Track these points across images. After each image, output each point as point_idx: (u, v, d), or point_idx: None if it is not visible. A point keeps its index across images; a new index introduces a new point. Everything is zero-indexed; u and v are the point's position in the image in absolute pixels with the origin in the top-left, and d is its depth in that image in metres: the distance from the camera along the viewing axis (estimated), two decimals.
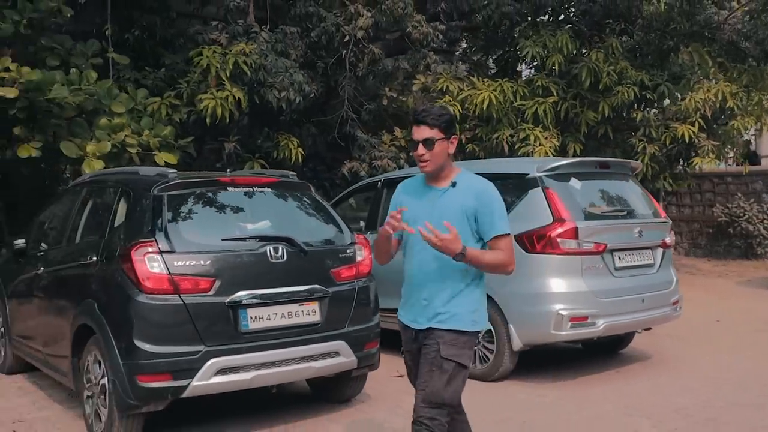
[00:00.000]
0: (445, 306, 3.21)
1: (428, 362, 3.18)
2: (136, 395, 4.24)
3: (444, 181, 3.28)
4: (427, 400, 3.14)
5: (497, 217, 3.21)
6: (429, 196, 3.28)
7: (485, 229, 3.21)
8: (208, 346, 4.34)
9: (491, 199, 3.24)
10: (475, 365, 6.15)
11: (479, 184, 3.29)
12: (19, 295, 6.17)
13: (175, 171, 4.90)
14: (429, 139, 3.16)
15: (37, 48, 8.09)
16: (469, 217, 3.20)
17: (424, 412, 3.13)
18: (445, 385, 3.14)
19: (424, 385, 3.17)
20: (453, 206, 3.21)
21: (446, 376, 3.15)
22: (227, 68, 8.77)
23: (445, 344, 3.17)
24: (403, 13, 9.98)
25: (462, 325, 3.20)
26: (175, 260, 4.35)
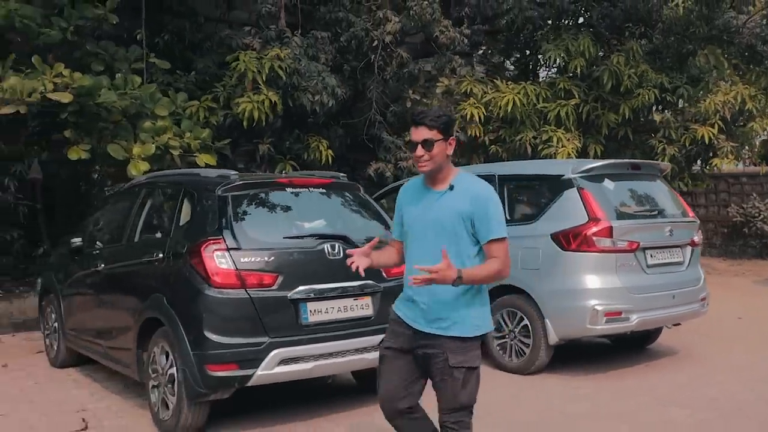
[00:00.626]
0: (447, 312, 3.21)
1: (438, 372, 3.22)
2: (206, 384, 4.53)
3: (442, 183, 3.29)
4: (447, 407, 3.24)
5: (493, 221, 3.20)
6: (427, 199, 3.30)
7: (481, 233, 3.20)
8: (272, 338, 4.62)
9: (488, 203, 3.23)
10: (511, 359, 6.43)
11: (476, 188, 3.28)
12: (76, 292, 6.46)
13: (237, 173, 5.18)
14: (428, 140, 3.18)
15: (82, 53, 8.38)
16: (465, 220, 3.20)
17: (447, 419, 3.24)
18: (460, 390, 3.21)
19: (441, 394, 3.25)
20: (449, 210, 3.22)
21: (459, 382, 3.20)
22: (263, 72, 9.05)
23: (452, 353, 3.19)
24: (431, 18, 10.25)
25: (465, 331, 3.22)
26: (242, 257, 4.63)
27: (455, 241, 3.20)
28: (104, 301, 5.79)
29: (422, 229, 3.27)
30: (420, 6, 10.21)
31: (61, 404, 5.68)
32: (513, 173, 6.84)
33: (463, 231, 3.21)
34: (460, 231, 3.20)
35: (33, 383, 6.38)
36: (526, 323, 6.28)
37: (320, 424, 5.05)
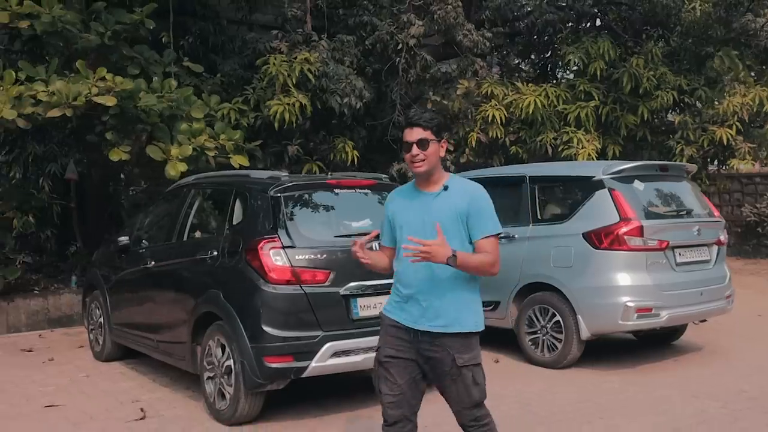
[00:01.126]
0: (446, 310, 3.25)
1: (448, 375, 3.25)
2: (263, 375, 4.76)
3: (435, 185, 3.34)
4: (463, 407, 3.29)
5: (487, 218, 3.27)
6: (421, 200, 3.34)
7: (475, 229, 3.26)
8: (325, 331, 4.85)
9: (482, 201, 3.31)
10: (543, 353, 6.65)
11: (471, 187, 3.36)
12: (123, 289, 6.70)
13: (287, 174, 5.41)
14: (423, 139, 3.24)
15: (118, 57, 8.62)
16: (462, 219, 3.26)
17: (465, 418, 3.31)
18: (472, 387, 3.26)
19: (454, 396, 3.29)
20: (447, 209, 3.27)
21: (470, 379, 3.25)
22: (293, 76, 9.27)
23: (458, 353, 3.23)
24: (454, 22, 10.45)
25: (466, 328, 3.27)
26: (296, 254, 4.87)
27: (453, 240, 3.23)
28: (155, 297, 6.02)
29: (419, 229, 3.27)
30: (444, 10, 10.41)
31: (115, 395, 5.92)
32: (543, 174, 7.06)
33: (460, 230, 3.27)
34: (457, 229, 3.26)
35: (83, 376, 6.62)
36: (558, 319, 6.49)
37: (361, 414, 5.25)
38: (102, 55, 8.61)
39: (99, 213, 11.00)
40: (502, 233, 3.36)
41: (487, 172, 7.99)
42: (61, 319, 9.44)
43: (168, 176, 8.11)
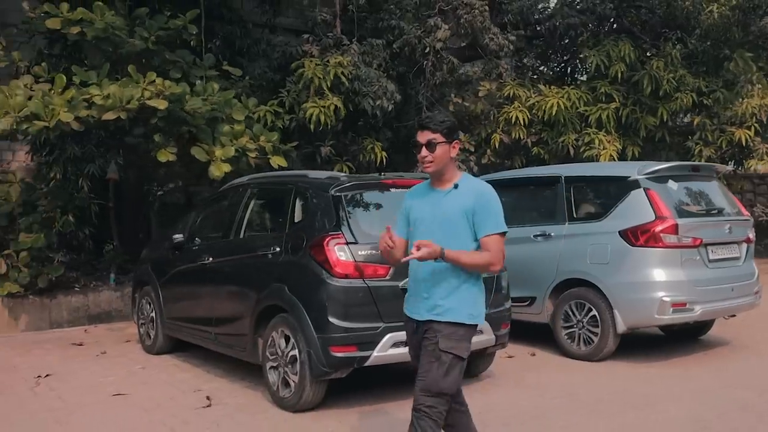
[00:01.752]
0: (443, 300, 3.41)
1: (428, 354, 3.38)
2: (329, 363, 5.05)
3: (447, 183, 3.52)
4: (426, 389, 3.35)
5: (492, 216, 3.41)
6: (433, 198, 3.53)
7: (479, 226, 3.41)
8: (386, 323, 5.14)
9: (489, 200, 3.45)
10: (579, 347, 6.93)
11: (479, 186, 3.51)
12: (178, 284, 6.99)
13: (345, 174, 5.70)
14: (431, 141, 3.42)
15: (161, 61, 8.92)
16: (469, 217, 3.42)
17: (423, 401, 3.35)
18: (443, 376, 3.33)
19: (423, 375, 3.37)
20: (455, 206, 3.44)
21: (444, 367, 3.34)
22: (328, 79, 9.57)
23: (443, 337, 3.36)
24: (481, 26, 10.74)
25: (459, 318, 3.40)
26: (359, 250, 5.16)
27: (459, 235, 3.42)
28: (215, 292, 6.30)
29: (430, 224, 3.48)
30: (471, 15, 10.69)
31: (175, 385, 6.21)
32: (579, 174, 7.34)
33: (466, 226, 3.43)
34: (463, 226, 3.42)
35: (139, 368, 6.92)
36: (594, 314, 6.77)
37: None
38: (145, 59, 8.91)
39: (134, 213, 11.32)
40: (507, 231, 3.47)
41: (523, 173, 8.28)
42: (100, 315, 9.74)
43: (211, 176, 8.42)
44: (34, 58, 9.62)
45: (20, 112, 7.32)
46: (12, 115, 7.34)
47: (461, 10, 11.08)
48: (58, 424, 5.24)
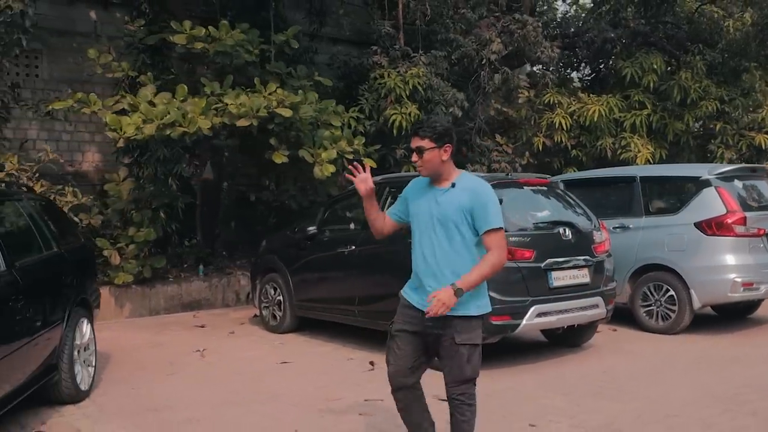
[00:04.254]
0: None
1: (446, 349, 3.58)
2: (489, 330, 6.09)
3: (445, 182, 3.66)
4: (454, 380, 3.61)
5: (491, 213, 3.56)
6: (431, 195, 3.68)
7: (479, 224, 3.56)
8: (532, 297, 6.23)
9: (486, 198, 3.59)
10: (657, 322, 8.07)
11: (475, 184, 3.66)
12: (311, 269, 7.98)
13: (489, 174, 6.77)
14: (419, 147, 3.61)
15: (262, 72, 9.91)
16: (466, 214, 3.57)
17: (454, 391, 3.62)
18: (466, 364, 3.58)
19: (448, 369, 3.60)
20: (452, 204, 3.59)
21: (465, 357, 3.57)
22: (407, 88, 10.64)
23: (458, 332, 3.55)
24: (534, 40, 11.89)
25: (470, 311, 3.60)
26: (510, 237, 6.22)
27: (458, 232, 3.59)
28: (358, 275, 7.30)
29: (428, 221, 3.64)
30: (525, 30, 11.83)
31: (329, 355, 7.22)
32: (653, 175, 8.53)
33: (464, 223, 3.58)
34: (461, 223, 3.57)
35: (279, 343, 7.90)
36: (672, 294, 7.93)
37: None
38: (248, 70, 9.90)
39: (215, 210, 12.25)
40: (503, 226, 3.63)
41: (600, 173, 9.44)
42: (191, 303, 10.67)
43: (316, 176, 9.42)
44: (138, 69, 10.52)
45: (163, 119, 8.25)
46: (155, 122, 8.26)
47: (513, 25, 12.21)
48: (256, 383, 6.22)
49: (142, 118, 8.42)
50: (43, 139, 11.88)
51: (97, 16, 12.68)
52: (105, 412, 5.37)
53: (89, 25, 12.47)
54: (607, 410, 5.24)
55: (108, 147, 12.70)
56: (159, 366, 6.86)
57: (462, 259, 3.59)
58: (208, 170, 10.88)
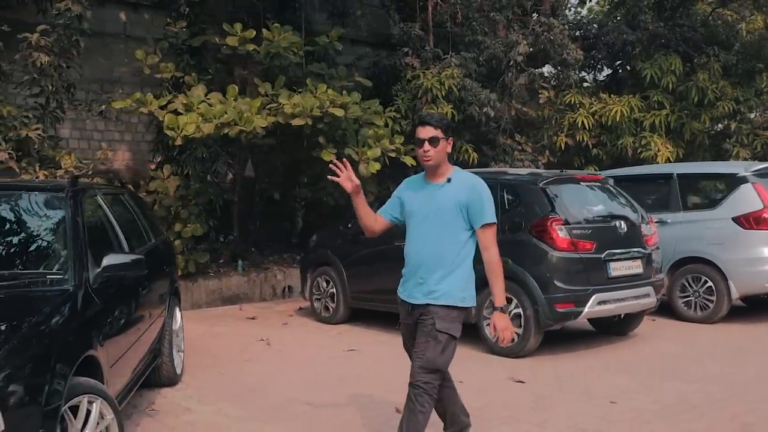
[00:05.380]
0: (438, 285, 3.64)
1: (424, 334, 3.63)
2: (554, 317, 6.52)
3: (441, 177, 3.75)
4: (424, 367, 3.61)
5: (486, 208, 3.68)
6: (427, 191, 3.75)
7: (475, 218, 3.67)
8: (593, 286, 6.62)
9: (481, 193, 3.69)
10: (696, 312, 8.48)
11: (470, 180, 3.76)
12: (368, 263, 8.29)
13: (545, 171, 7.15)
14: (434, 137, 3.65)
15: (305, 73, 10.25)
16: (462, 208, 3.66)
17: (420, 377, 3.62)
18: (439, 354, 3.61)
19: (421, 354, 3.62)
20: (448, 199, 3.68)
21: (440, 346, 3.61)
22: (443, 89, 11.01)
23: (439, 319, 3.61)
24: (561, 42, 12.30)
25: (453, 301, 3.66)
26: (572, 229, 6.63)
27: (452, 226, 3.69)
28: None
29: (424, 216, 3.73)
30: (552, 33, 12.23)
31: (389, 344, 7.55)
32: (690, 172, 8.95)
33: (459, 217, 3.67)
34: (456, 217, 3.67)
35: (336, 333, 8.24)
36: (710, 285, 8.34)
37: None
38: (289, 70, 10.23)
39: (249, 207, 12.56)
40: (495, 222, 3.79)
41: (638, 170, 9.86)
42: (231, 297, 10.98)
43: (361, 174, 9.75)
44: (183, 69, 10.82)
45: (221, 118, 8.58)
46: (214, 121, 8.59)
47: (539, 27, 12.61)
48: (335, 366, 6.57)
49: (201, 117, 8.73)
50: (75, 138, 12.18)
51: (127, 17, 12.94)
52: (204, 393, 5.70)
53: (119, 26, 12.74)
54: (675, 389, 5.64)
55: (137, 145, 13.06)
56: (232, 353, 7.18)
57: (451, 251, 3.68)
58: (249, 168, 11.20)
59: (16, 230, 4.08)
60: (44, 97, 9.24)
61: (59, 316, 3.31)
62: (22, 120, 8.84)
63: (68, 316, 3.37)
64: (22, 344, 2.93)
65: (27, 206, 4.19)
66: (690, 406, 5.19)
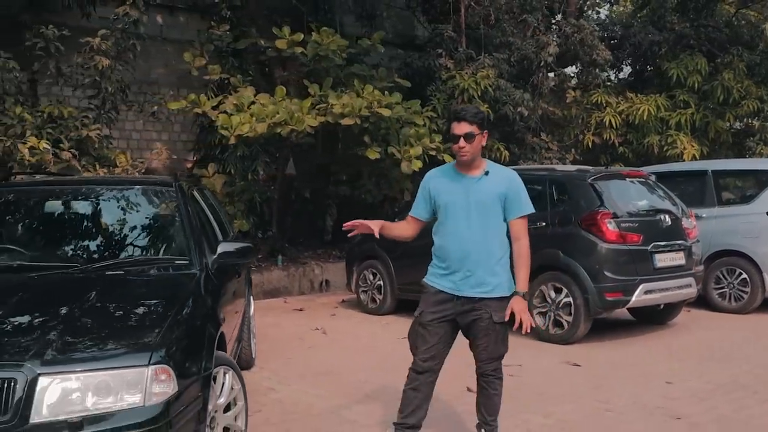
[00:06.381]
0: (490, 277, 3.74)
1: (483, 329, 3.77)
2: (603, 305, 6.88)
3: (476, 170, 3.81)
4: (491, 357, 3.84)
5: (523, 199, 3.83)
6: (464, 183, 3.80)
7: (513, 208, 3.79)
8: (640, 276, 6.98)
9: (519, 185, 3.84)
10: (731, 303, 8.83)
11: (509, 173, 3.91)
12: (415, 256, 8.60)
13: (588, 167, 7.51)
14: (469, 133, 3.68)
15: (347, 74, 10.63)
16: (501, 200, 3.78)
17: (488, 367, 3.86)
18: (501, 343, 3.84)
19: (485, 347, 3.81)
20: (489, 191, 3.77)
21: (501, 336, 3.81)
22: (478, 89, 11.38)
23: (495, 312, 3.75)
24: (591, 43, 12.65)
25: (505, 292, 3.80)
26: (620, 222, 6.99)
27: (495, 217, 3.79)
28: None
29: (465, 208, 3.76)
30: (582, 34, 12.58)
31: None
32: (725, 169, 9.33)
33: (499, 208, 3.78)
34: (497, 209, 3.77)
35: (385, 323, 8.59)
36: (745, 277, 8.69)
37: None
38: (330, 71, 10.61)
39: (286, 204, 12.96)
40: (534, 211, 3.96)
41: (672, 167, 10.22)
42: (272, 290, 11.35)
43: (404, 171, 10.14)
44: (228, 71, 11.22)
45: (273, 118, 8.97)
46: (267, 121, 8.98)
47: (569, 28, 12.97)
48: (394, 352, 6.89)
49: (252, 117, 9.12)
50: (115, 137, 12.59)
51: (163, 20, 13.35)
52: (280, 375, 6.08)
53: (156, 29, 13.15)
54: (725, 371, 6.00)
55: (173, 145, 13.46)
56: (292, 341, 7.56)
57: (496, 242, 3.79)
58: (290, 166, 11.57)
59: (137, 221, 4.46)
60: (100, 98, 9.65)
61: (199, 296, 3.69)
62: (82, 120, 9.24)
63: (204, 296, 3.75)
64: (182, 321, 3.31)
65: (142, 199, 4.58)
66: (741, 386, 5.55)
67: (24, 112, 8.56)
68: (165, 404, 2.92)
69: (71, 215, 4.49)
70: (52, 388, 2.81)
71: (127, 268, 3.98)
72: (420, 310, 3.92)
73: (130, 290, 3.71)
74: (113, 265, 3.98)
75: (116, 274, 3.86)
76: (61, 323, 3.13)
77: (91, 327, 3.19)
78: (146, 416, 2.86)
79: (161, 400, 2.92)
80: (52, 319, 3.18)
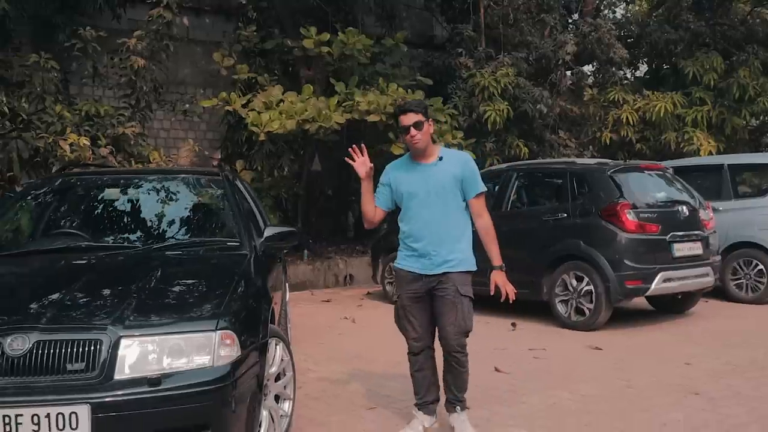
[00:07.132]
0: (452, 254, 3.93)
1: (449, 302, 3.91)
2: (624, 293, 7.14)
3: (431, 157, 4.01)
4: (458, 331, 3.94)
5: (478, 178, 4.02)
6: (421, 171, 3.98)
7: (470, 188, 3.98)
8: (659, 265, 7.23)
9: (472, 166, 4.04)
10: (747, 294, 9.05)
11: (463, 156, 4.11)
12: None
13: (608, 160, 7.77)
14: (418, 121, 3.90)
15: (370, 73, 10.94)
16: (458, 182, 3.96)
17: (456, 342, 3.95)
18: (467, 315, 3.95)
19: (451, 321, 3.92)
20: (445, 175, 3.95)
21: (466, 308, 3.95)
22: (499, 87, 11.66)
23: (460, 284, 3.92)
24: (608, 42, 12.89)
25: (468, 266, 4.00)
26: (639, 213, 7.25)
27: (453, 199, 3.97)
28: None
29: (426, 194, 3.95)
30: (599, 33, 12.83)
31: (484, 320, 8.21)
32: (741, 162, 9.54)
33: (457, 190, 3.97)
34: (455, 191, 3.97)
35: None
36: (761, 267, 8.91)
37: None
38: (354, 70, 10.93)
39: (310, 200, 13.29)
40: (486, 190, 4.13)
41: (689, 161, 10.45)
42: (298, 284, 11.64)
43: None
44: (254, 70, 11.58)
45: (302, 115, 9.30)
46: (296, 118, 9.31)
47: (586, 27, 13.22)
48: None
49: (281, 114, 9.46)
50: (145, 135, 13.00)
51: (190, 22, 13.73)
52: (315, 358, 6.40)
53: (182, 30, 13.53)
54: (743, 354, 6.25)
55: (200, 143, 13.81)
56: (322, 328, 7.88)
57: (458, 222, 3.99)
58: (316, 163, 11.90)
59: (190, 206, 4.81)
60: (135, 97, 10.02)
61: (251, 274, 4.01)
62: (118, 118, 9.62)
63: (255, 274, 4.08)
64: (240, 294, 3.63)
65: (194, 187, 4.92)
66: (759, 367, 5.80)
67: (64, 110, 8.93)
68: (231, 365, 3.24)
69: (131, 202, 4.83)
70: (132, 349, 3.14)
71: (184, 248, 4.31)
72: (397, 295, 4.19)
73: (189, 267, 4.04)
74: (172, 246, 4.31)
75: (176, 254, 4.19)
76: (135, 294, 3.46)
77: (162, 297, 3.51)
78: (215, 375, 3.18)
79: (227, 362, 3.23)
80: (126, 290, 3.51)
